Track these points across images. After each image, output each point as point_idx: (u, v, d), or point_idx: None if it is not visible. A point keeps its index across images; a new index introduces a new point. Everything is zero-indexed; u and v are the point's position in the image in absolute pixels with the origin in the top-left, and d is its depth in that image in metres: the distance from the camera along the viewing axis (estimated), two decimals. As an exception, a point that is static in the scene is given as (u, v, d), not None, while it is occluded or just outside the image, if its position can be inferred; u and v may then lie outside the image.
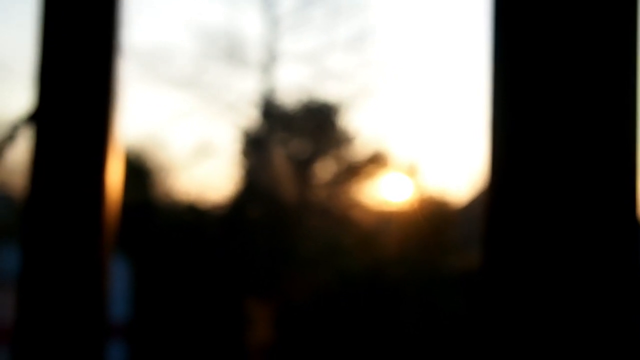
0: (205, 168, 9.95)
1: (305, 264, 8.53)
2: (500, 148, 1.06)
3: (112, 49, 1.35)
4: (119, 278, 6.78)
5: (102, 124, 1.35)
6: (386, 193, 9.89)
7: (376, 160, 9.76)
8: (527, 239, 1.04)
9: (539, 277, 1.03)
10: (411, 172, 9.75)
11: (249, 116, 9.74)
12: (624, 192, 1.04)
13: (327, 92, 9.98)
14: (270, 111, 9.80)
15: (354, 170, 9.74)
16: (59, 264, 1.36)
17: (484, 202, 1.08)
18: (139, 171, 8.92)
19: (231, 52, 9.60)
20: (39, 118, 1.36)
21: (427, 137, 13.90)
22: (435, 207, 9.73)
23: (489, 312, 1.06)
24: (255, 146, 9.63)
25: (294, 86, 10.49)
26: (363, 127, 10.17)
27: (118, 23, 1.37)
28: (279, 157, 9.35)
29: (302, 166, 9.65)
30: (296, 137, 9.87)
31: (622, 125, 1.04)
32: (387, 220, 9.71)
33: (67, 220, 1.35)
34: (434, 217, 9.32)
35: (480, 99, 1.09)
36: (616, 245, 1.03)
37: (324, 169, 9.86)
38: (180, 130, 11.40)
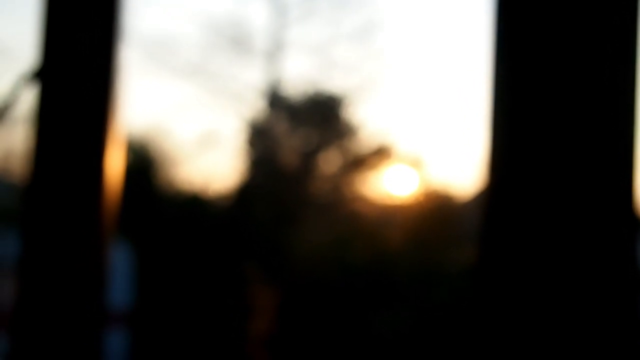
0: (209, 158, 9.96)
1: (308, 256, 8.54)
2: (500, 145, 1.06)
3: (113, 36, 1.35)
4: (122, 267, 6.80)
5: (102, 112, 1.35)
6: (391, 186, 9.88)
7: (381, 153, 9.75)
8: (524, 237, 1.03)
9: (535, 275, 1.03)
10: (416, 165, 9.74)
11: (255, 107, 9.74)
12: (621, 190, 1.03)
13: (332, 83, 9.97)
14: (276, 102, 9.79)
15: (359, 163, 9.73)
16: (58, 251, 1.36)
17: (483, 199, 1.08)
18: (143, 160, 8.93)
19: (237, 42, 9.60)
20: (41, 109, 1.36)
21: (433, 130, 13.88)
22: (440, 200, 9.72)
23: (484, 309, 1.05)
24: (260, 137, 9.63)
25: (299, 77, 10.47)
26: (368, 120, 10.15)
27: (120, 10, 1.36)
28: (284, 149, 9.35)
29: (307, 158, 9.64)
30: (301, 129, 9.86)
31: (621, 125, 1.04)
32: (391, 213, 9.70)
33: (67, 206, 1.35)
34: (439, 211, 9.32)
35: (485, 93, 1.09)
36: (613, 243, 1.02)
37: (329, 161, 9.85)
38: (185, 120, 11.41)
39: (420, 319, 7.91)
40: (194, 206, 8.80)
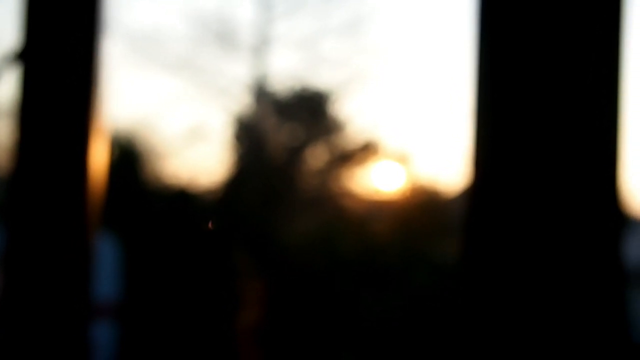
0: (196, 152, 9.95)
1: (296, 249, 8.55)
2: (484, 141, 1.06)
3: (96, 25, 1.34)
4: (109, 259, 6.78)
5: (85, 102, 1.35)
6: (378, 181, 9.90)
7: (368, 148, 9.76)
8: (508, 232, 1.04)
9: (519, 268, 1.03)
10: (403, 160, 9.76)
11: (241, 101, 9.74)
12: (605, 185, 1.04)
13: (319, 78, 9.97)
14: (263, 97, 9.78)
15: (346, 158, 9.74)
16: (44, 243, 1.36)
17: (468, 194, 1.08)
18: (130, 153, 8.92)
19: (224, 36, 9.58)
20: (23, 97, 1.35)
21: (420, 125, 13.90)
22: (427, 195, 9.75)
23: (470, 303, 1.06)
24: (247, 131, 9.63)
25: (286, 72, 10.46)
26: (355, 115, 10.15)
27: (101, 3, 1.36)
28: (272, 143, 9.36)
29: (294, 153, 9.65)
30: (288, 124, 9.86)
31: (605, 119, 1.04)
32: (378, 208, 9.72)
33: (52, 198, 1.35)
34: (425, 206, 9.34)
35: (469, 88, 1.09)
36: (598, 234, 1.03)
37: (316, 156, 9.86)
38: (172, 114, 11.38)
39: (408, 310, 7.94)
40: (181, 199, 8.79)
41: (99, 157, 1.38)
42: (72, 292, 1.35)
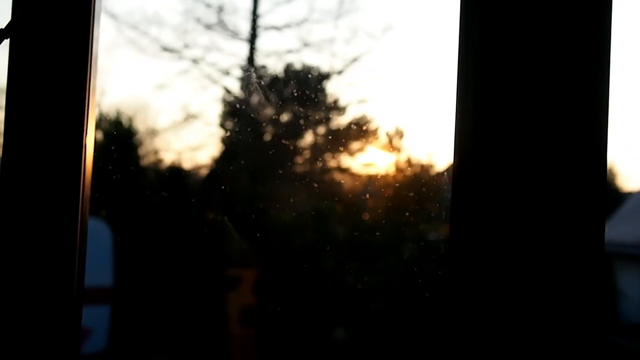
0: (189, 135, 9.93)
1: (286, 229, 8.56)
2: (467, 125, 1.07)
3: (90, 6, 1.34)
4: (101, 242, 6.78)
5: (77, 82, 1.34)
6: (370, 158, 9.90)
7: (359, 127, 9.76)
8: (491, 211, 1.05)
9: (503, 256, 1.04)
10: (395, 138, 9.75)
11: (233, 83, 9.71)
12: (585, 169, 1.04)
13: (311, 60, 9.95)
14: (256, 78, 9.76)
15: (337, 137, 9.74)
16: (35, 226, 1.36)
17: (451, 177, 1.09)
18: (123, 135, 8.90)
19: (216, 17, 9.54)
20: (10, 90, 1.35)
21: (412, 102, 13.87)
22: (418, 173, 9.75)
23: (456, 282, 1.07)
24: (239, 113, 9.61)
25: (277, 54, 10.43)
26: (347, 94, 10.13)
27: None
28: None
29: (286, 133, 9.64)
30: (281, 105, 9.84)
31: (587, 109, 1.05)
32: (369, 186, 9.72)
33: (43, 181, 1.35)
34: (417, 184, 9.35)
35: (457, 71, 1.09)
36: (580, 219, 1.04)
37: (307, 136, 9.86)
38: (164, 96, 11.35)
39: (397, 286, 7.97)
40: (173, 181, 8.79)
41: (90, 138, 1.38)
42: (64, 276, 1.36)
